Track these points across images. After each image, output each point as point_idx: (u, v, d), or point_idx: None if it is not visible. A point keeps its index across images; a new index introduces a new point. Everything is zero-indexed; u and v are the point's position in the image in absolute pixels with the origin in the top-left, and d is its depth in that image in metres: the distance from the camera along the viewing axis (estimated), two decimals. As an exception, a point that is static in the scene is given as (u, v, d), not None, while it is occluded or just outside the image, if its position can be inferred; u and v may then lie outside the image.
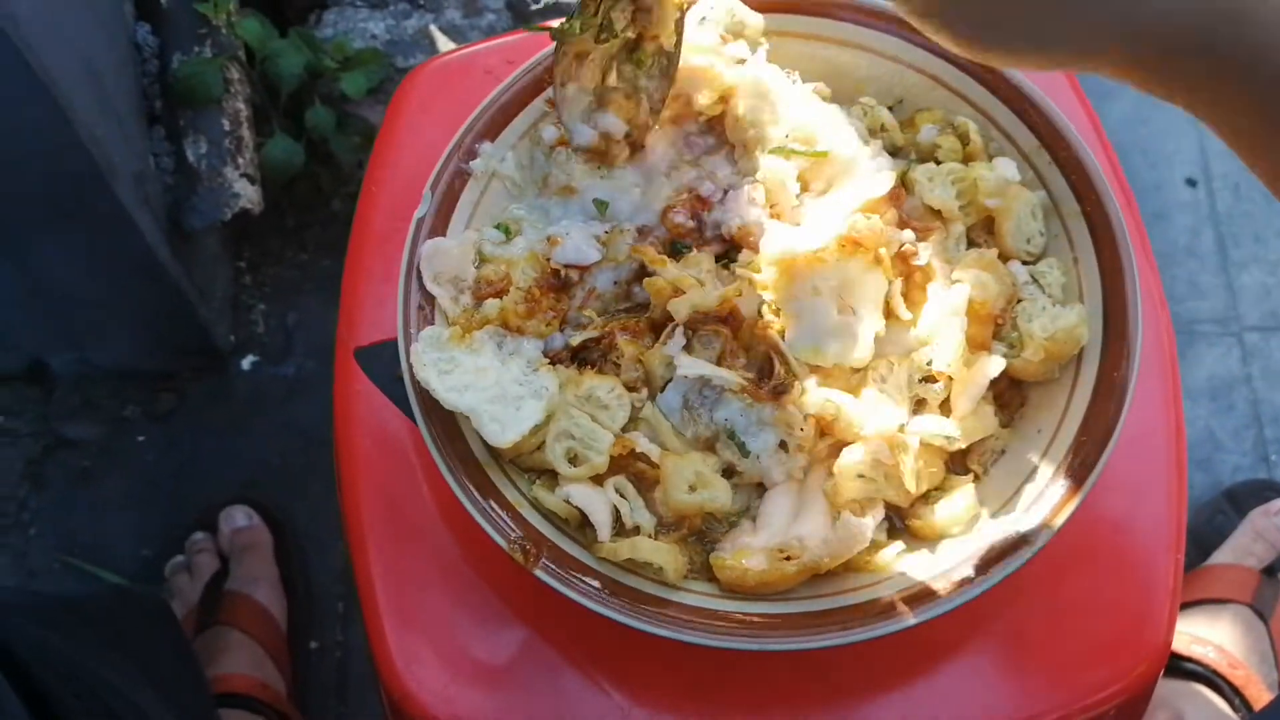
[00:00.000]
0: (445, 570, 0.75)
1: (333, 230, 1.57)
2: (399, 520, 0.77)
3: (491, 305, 0.70)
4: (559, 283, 0.71)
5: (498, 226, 0.74)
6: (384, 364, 0.70)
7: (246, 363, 1.52)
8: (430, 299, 0.71)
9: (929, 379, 0.69)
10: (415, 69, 0.92)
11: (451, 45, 1.44)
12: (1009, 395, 0.72)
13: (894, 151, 0.77)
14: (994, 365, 0.67)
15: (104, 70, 1.16)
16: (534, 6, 1.34)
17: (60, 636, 0.80)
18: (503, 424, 0.66)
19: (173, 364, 1.49)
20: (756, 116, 0.72)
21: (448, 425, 0.67)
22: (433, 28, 1.44)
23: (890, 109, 0.78)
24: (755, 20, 0.75)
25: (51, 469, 1.45)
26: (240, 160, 1.33)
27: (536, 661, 0.72)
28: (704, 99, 0.74)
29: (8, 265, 1.24)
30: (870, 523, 0.64)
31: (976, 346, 0.69)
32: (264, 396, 1.50)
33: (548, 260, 0.71)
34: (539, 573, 0.64)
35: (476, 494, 0.66)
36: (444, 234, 0.72)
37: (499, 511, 0.66)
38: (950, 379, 0.68)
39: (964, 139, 0.75)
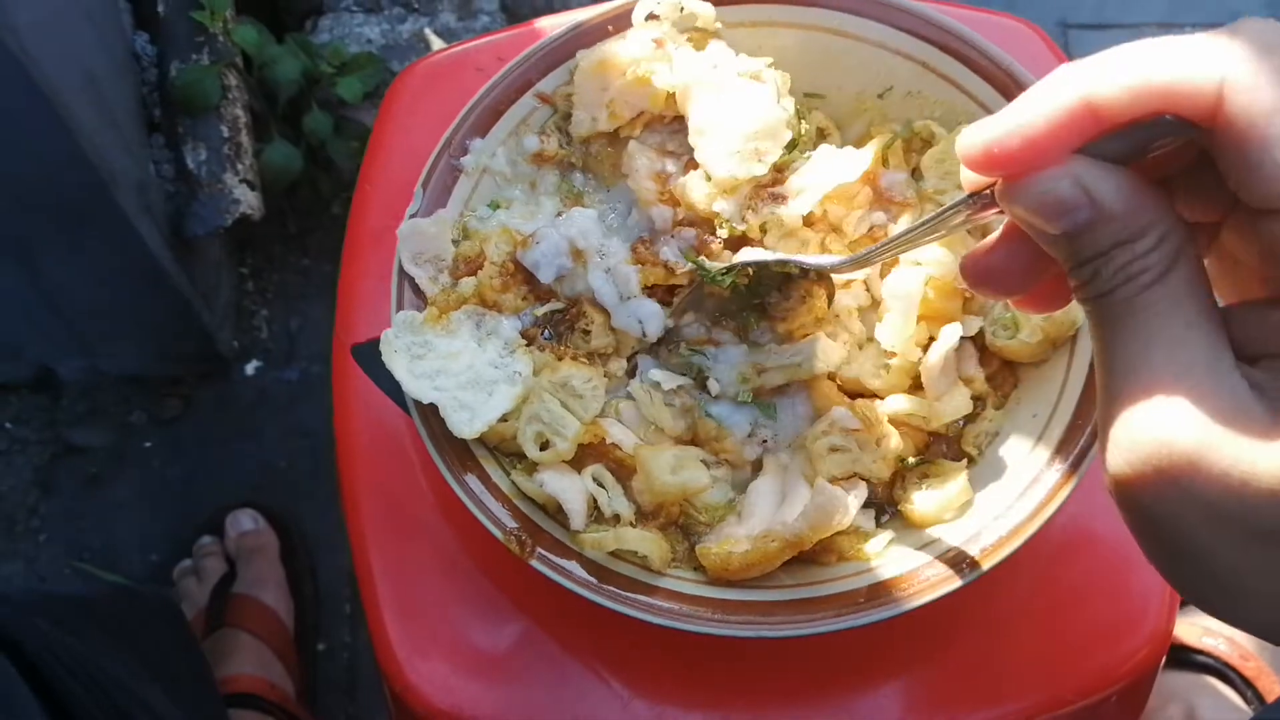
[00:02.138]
0: (445, 563, 0.75)
1: (334, 235, 1.58)
2: (398, 514, 0.77)
3: (468, 283, 0.71)
4: (526, 272, 0.71)
5: (489, 205, 0.75)
6: (380, 360, 0.70)
7: (251, 368, 1.53)
8: (422, 294, 0.72)
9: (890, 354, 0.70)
10: (407, 69, 0.93)
11: (447, 48, 1.45)
12: (1001, 377, 0.72)
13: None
14: (949, 333, 0.68)
15: (103, 80, 1.17)
16: None
17: (69, 633, 0.81)
18: (473, 411, 0.65)
19: (178, 370, 1.50)
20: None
21: (442, 418, 0.68)
22: (427, 31, 1.45)
23: (880, 95, 0.78)
24: (706, 11, 0.76)
25: (60, 475, 1.47)
26: (240, 166, 1.33)
27: (536, 652, 0.73)
28: (655, 106, 0.75)
29: (14, 275, 1.25)
30: (849, 495, 0.64)
31: (943, 320, 0.69)
32: (269, 401, 1.51)
33: (518, 241, 0.72)
34: (534, 563, 0.64)
35: (471, 485, 0.66)
36: (436, 230, 0.73)
37: (494, 502, 0.66)
38: (911, 361, 0.69)
39: (928, 142, 0.75)
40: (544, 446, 0.66)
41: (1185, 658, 1.16)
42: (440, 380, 0.66)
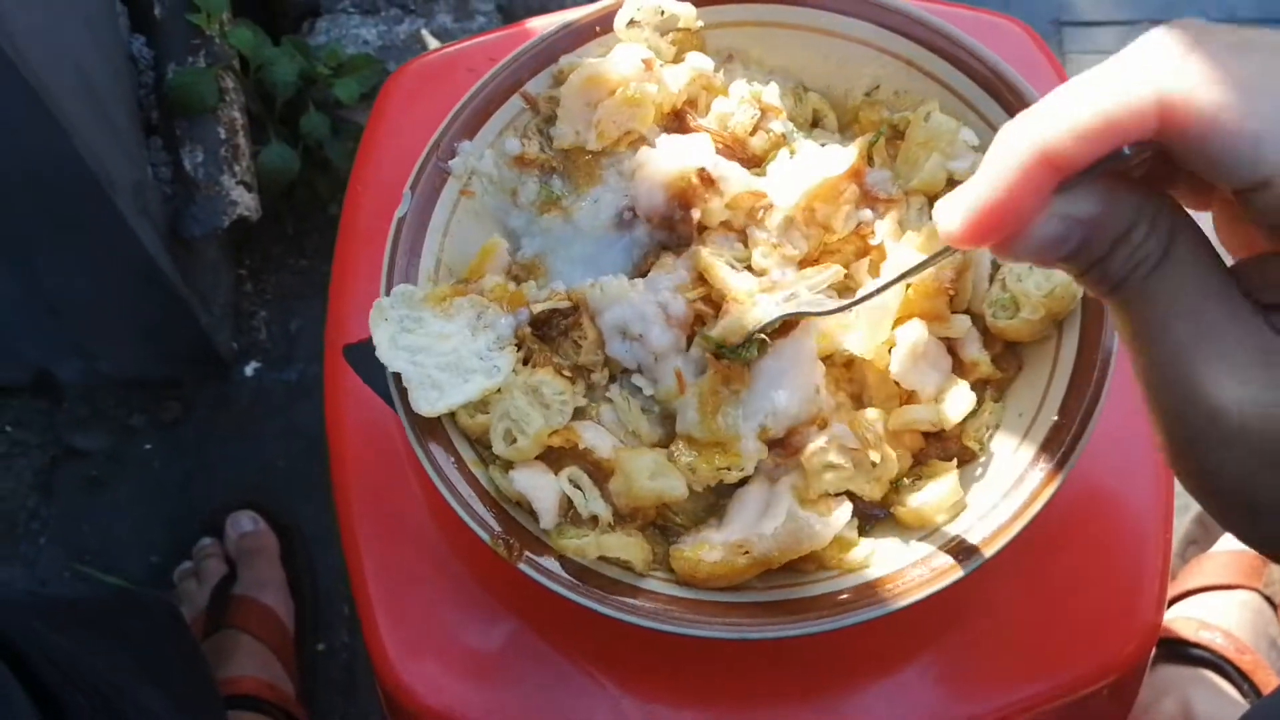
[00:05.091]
0: (436, 564, 0.76)
1: (331, 235, 1.56)
2: (390, 515, 0.77)
3: (490, 280, 0.71)
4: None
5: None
6: (371, 361, 0.70)
7: (250, 369, 1.53)
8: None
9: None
10: (399, 69, 0.93)
11: (444, 49, 1.45)
12: (1005, 360, 0.71)
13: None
14: (911, 331, 0.68)
15: (100, 83, 1.18)
16: None
17: (65, 636, 0.82)
18: (441, 391, 0.65)
19: (177, 372, 1.51)
20: None
21: (430, 419, 0.68)
22: (424, 32, 1.45)
23: (867, 94, 0.78)
24: (686, 11, 0.76)
25: (60, 478, 1.47)
26: (237, 168, 1.34)
27: (527, 652, 0.73)
28: (642, 127, 0.75)
29: (13, 278, 1.26)
30: (827, 520, 0.64)
31: (932, 319, 0.69)
32: (268, 402, 1.51)
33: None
34: (522, 566, 0.64)
35: (458, 488, 0.66)
36: (424, 233, 0.73)
37: (481, 505, 0.66)
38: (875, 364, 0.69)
39: (904, 133, 0.75)
40: (513, 444, 0.67)
41: (1181, 651, 1.16)
42: (420, 357, 0.66)
